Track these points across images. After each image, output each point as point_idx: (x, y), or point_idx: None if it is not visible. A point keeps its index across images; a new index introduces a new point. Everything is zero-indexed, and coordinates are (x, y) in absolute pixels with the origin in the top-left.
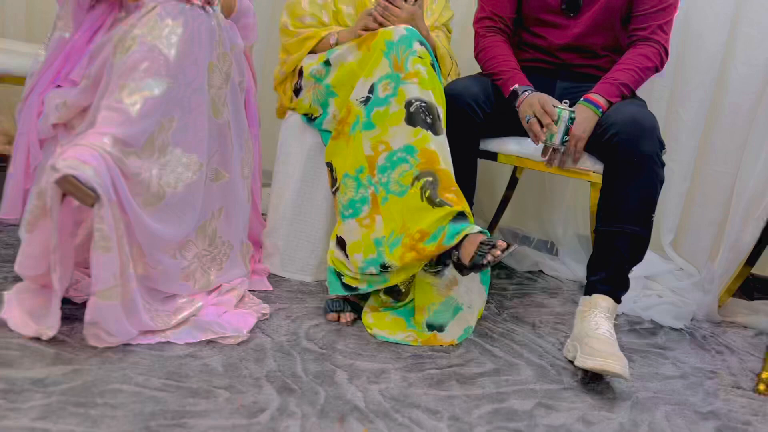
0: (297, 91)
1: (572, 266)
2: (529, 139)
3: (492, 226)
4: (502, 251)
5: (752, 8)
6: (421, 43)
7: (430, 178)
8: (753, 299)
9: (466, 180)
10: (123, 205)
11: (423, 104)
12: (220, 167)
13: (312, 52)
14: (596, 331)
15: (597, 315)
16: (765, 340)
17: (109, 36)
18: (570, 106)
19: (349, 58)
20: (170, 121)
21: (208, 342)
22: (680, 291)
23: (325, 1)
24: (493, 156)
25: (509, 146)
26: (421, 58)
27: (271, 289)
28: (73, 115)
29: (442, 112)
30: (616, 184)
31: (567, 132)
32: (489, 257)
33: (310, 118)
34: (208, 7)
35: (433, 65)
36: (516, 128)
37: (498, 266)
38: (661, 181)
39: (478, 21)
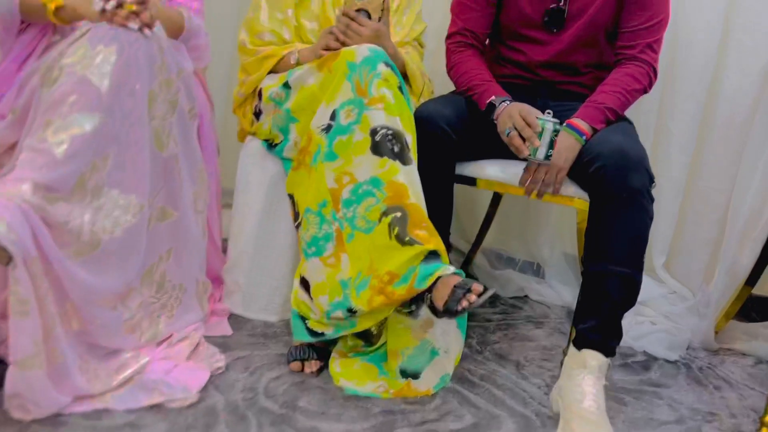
0: (257, 114)
1: (559, 289)
2: (509, 162)
3: (474, 248)
4: (478, 296)
5: (745, 14)
6: (387, 65)
7: (399, 214)
8: (751, 320)
9: (442, 209)
10: (48, 259)
11: (390, 132)
12: (167, 205)
13: (273, 71)
14: (581, 405)
15: (584, 378)
16: (765, 369)
17: (38, 64)
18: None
19: (310, 80)
20: (104, 160)
21: (152, 406)
22: (674, 316)
23: (286, 17)
24: (471, 181)
25: (488, 170)
26: (386, 81)
27: (230, 333)
28: (0, 152)
29: (411, 139)
30: (604, 220)
31: (552, 145)
32: (464, 303)
33: (270, 145)
34: (147, 30)
35: (400, 88)
36: (495, 150)
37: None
38: (651, 218)
39: (449, 37)
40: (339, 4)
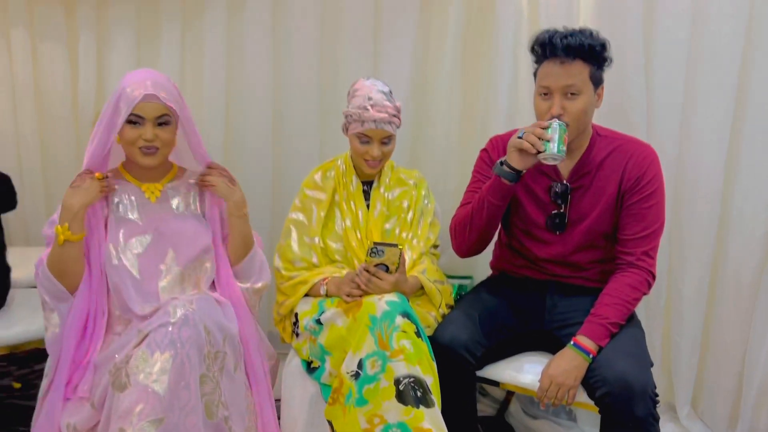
0: (296, 333)
1: None
2: (526, 361)
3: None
4: None
5: (744, 180)
6: (404, 315)
7: None
8: None
9: (466, 413)
10: None
11: (412, 380)
12: None
13: (307, 294)
14: None
15: None
16: None
17: (107, 359)
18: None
19: (338, 322)
20: None
21: None
22: None
23: (313, 243)
24: (494, 383)
25: (506, 374)
26: (405, 332)
27: None
28: None
29: (431, 379)
30: None
31: (562, 141)
32: None
33: (309, 367)
34: (191, 309)
35: (417, 333)
36: (512, 347)
37: None
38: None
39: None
40: (358, 227)
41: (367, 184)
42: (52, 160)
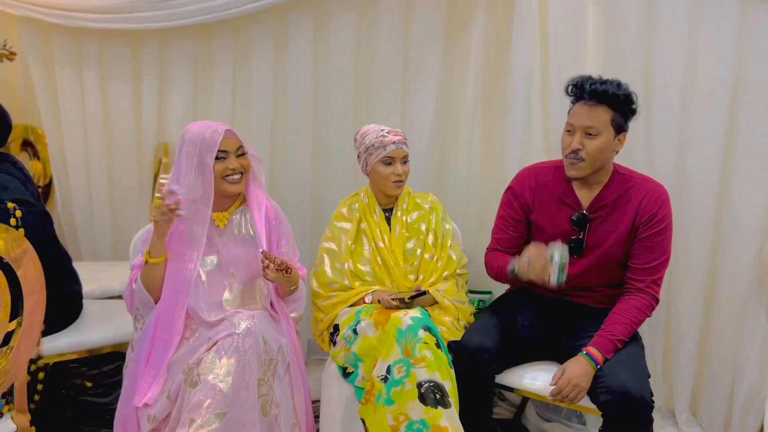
0: (333, 342)
1: None
2: (539, 369)
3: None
4: None
5: (735, 212)
6: (425, 329)
7: None
8: None
9: (482, 413)
10: None
11: (432, 384)
12: None
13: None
14: None
15: None
16: None
17: (181, 360)
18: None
19: (369, 333)
20: None
21: None
22: None
23: (343, 268)
24: (509, 389)
25: (524, 381)
26: (426, 343)
27: None
28: (159, 423)
29: (449, 385)
30: None
31: (563, 269)
32: None
33: (344, 372)
34: (252, 322)
35: (437, 344)
36: (526, 355)
37: None
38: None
39: (488, 250)
40: (382, 254)
41: (388, 211)
42: (118, 184)
